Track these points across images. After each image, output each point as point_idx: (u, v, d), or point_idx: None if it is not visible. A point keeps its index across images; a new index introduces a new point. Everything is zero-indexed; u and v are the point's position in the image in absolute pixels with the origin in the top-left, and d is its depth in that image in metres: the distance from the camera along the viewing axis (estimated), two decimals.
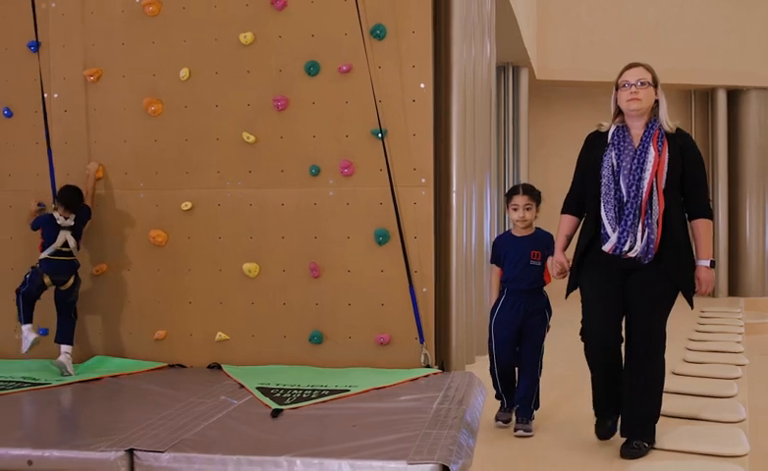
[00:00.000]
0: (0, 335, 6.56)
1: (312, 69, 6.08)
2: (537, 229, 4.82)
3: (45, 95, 6.34)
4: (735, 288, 12.81)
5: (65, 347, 6.04)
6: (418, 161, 5.99)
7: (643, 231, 4.18)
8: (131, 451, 3.97)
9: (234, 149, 6.20)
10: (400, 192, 5.96)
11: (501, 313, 4.77)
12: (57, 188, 6.21)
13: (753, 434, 4.68)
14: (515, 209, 4.74)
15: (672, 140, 4.26)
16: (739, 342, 7.87)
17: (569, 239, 4.54)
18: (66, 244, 6.05)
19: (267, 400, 5.02)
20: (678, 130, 4.33)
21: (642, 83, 4.25)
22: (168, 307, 6.33)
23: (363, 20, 5.93)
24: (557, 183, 6.25)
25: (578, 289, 4.43)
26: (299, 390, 5.30)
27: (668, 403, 4.70)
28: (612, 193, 4.24)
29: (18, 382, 5.69)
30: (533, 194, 4.77)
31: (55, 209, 6.12)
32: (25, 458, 4.02)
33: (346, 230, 6.08)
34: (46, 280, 6.06)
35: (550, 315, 4.83)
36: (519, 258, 4.73)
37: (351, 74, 6.03)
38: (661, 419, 4.42)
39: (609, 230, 4.23)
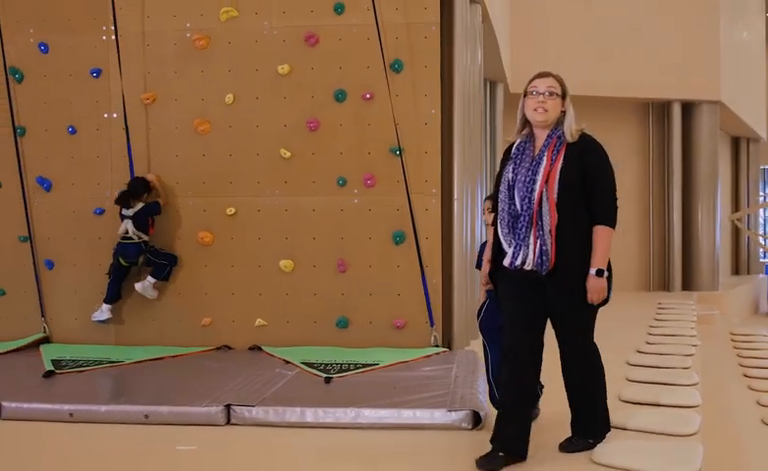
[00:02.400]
0: (64, 321, 7.55)
1: (340, 96, 7.17)
2: None
3: (115, 115, 7.35)
4: (688, 284, 13.85)
5: (151, 278, 7.19)
6: (429, 174, 7.12)
7: (535, 242, 4.06)
8: (228, 406, 5.05)
9: (272, 163, 7.26)
10: (414, 200, 7.07)
11: (484, 316, 4.96)
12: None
13: (704, 397, 5.82)
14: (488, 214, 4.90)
15: (571, 148, 4.13)
16: (692, 328, 9.10)
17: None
18: (127, 232, 7.07)
19: (315, 371, 6.12)
20: (582, 136, 4.21)
21: (551, 93, 4.15)
22: (214, 298, 7.37)
23: (384, 55, 7.04)
24: None
25: None
26: (336, 364, 6.40)
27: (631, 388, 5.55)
28: (506, 208, 4.16)
29: (95, 360, 6.70)
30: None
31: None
32: (141, 413, 5.08)
33: (368, 231, 7.17)
34: (121, 260, 7.10)
35: None
36: None
37: (373, 100, 7.13)
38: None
39: (505, 245, 4.17)
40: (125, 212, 7.13)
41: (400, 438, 4.74)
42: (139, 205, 7.13)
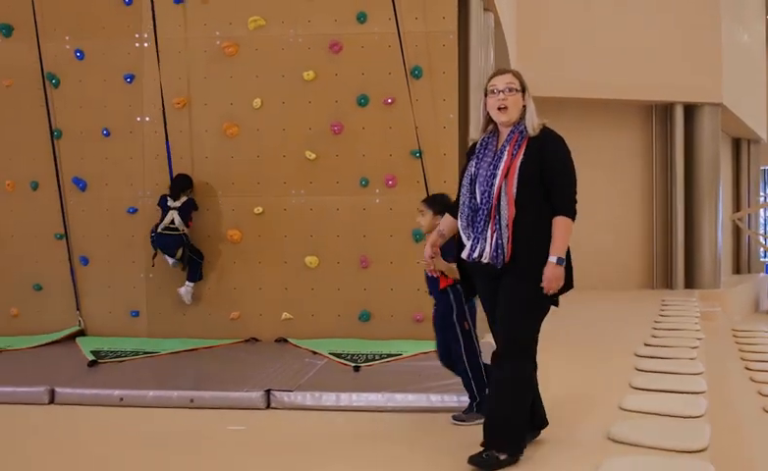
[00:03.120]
0: (98, 315, 7.92)
1: (363, 101, 7.54)
2: None
3: (147, 118, 7.73)
4: (691, 282, 14.18)
5: (189, 283, 7.57)
6: (447, 175, 7.47)
7: (492, 236, 4.09)
8: (268, 391, 5.42)
9: (297, 164, 7.64)
10: None
11: (434, 318, 5.16)
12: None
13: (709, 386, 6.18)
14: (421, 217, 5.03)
15: (532, 141, 4.15)
16: (696, 323, 9.47)
17: (443, 236, 4.54)
18: (173, 222, 7.42)
19: (343, 361, 6.50)
20: (543, 130, 4.20)
21: (510, 90, 4.17)
22: (242, 293, 7.75)
23: (405, 62, 7.41)
24: None
25: None
26: (362, 354, 6.77)
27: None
28: (467, 202, 4.20)
29: (132, 351, 7.07)
30: (428, 202, 5.06)
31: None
32: (188, 397, 5.46)
33: (389, 230, 7.55)
34: (160, 252, 7.48)
35: (457, 310, 4.98)
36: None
37: (394, 105, 7.50)
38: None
39: (464, 238, 4.23)
40: (171, 203, 7.49)
41: (428, 420, 5.11)
42: (184, 198, 7.50)
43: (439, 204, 4.94)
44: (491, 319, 4.31)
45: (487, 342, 4.80)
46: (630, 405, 5.21)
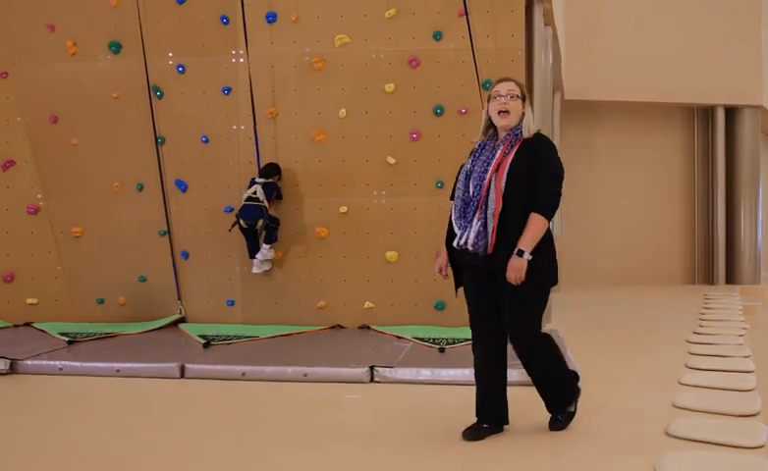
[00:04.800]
0: (197, 304, 8.79)
1: (439, 110, 8.33)
2: None
3: (243, 127, 8.59)
4: (731, 278, 14.81)
5: (265, 246, 8.34)
6: None
7: (477, 222, 4.34)
8: (372, 367, 6.24)
9: (379, 168, 8.45)
10: None
11: None
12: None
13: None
14: None
15: (525, 144, 4.40)
16: (740, 313, 10.14)
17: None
18: (255, 193, 8.21)
19: (427, 344, 7.30)
20: (536, 135, 4.48)
21: (512, 96, 4.46)
22: (328, 284, 8.58)
23: (478, 76, 8.20)
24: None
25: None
26: (442, 338, 7.56)
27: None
28: (461, 195, 4.49)
29: (235, 336, 7.92)
30: None
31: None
32: (302, 372, 6.29)
33: None
34: (242, 222, 8.24)
35: None
36: None
37: (467, 114, 8.27)
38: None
39: (456, 228, 4.50)
40: (257, 179, 8.30)
41: (514, 392, 5.87)
42: (271, 180, 8.35)
43: None
44: (473, 308, 4.61)
45: None
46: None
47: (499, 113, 4.46)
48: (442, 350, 7.02)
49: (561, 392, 4.69)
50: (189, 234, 8.79)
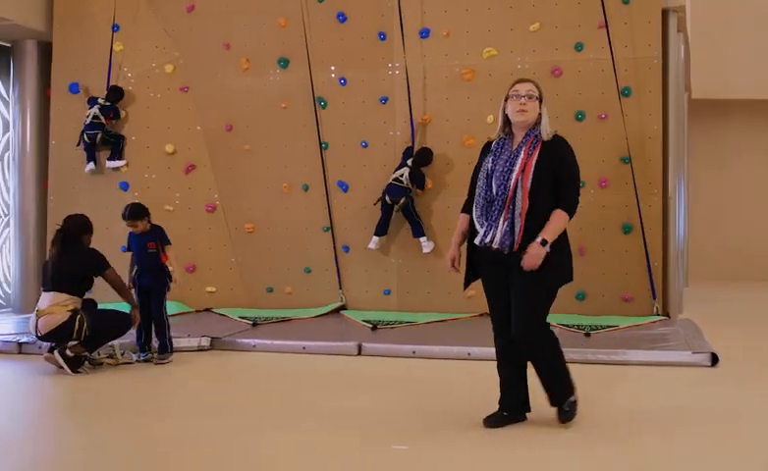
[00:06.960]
0: (356, 293, 9.73)
1: (580, 116, 9.03)
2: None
3: (398, 133, 9.50)
4: None
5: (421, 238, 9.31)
6: (652, 177, 8.88)
7: (503, 223, 4.48)
8: None
9: None
10: (640, 198, 8.86)
11: None
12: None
13: None
14: None
15: (545, 146, 4.56)
16: None
17: (464, 235, 4.90)
18: (402, 175, 9.11)
19: (573, 329, 8.01)
20: (555, 136, 4.64)
21: (530, 97, 4.59)
22: None
23: (617, 83, 8.85)
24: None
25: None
26: (585, 325, 8.25)
27: None
28: (483, 193, 4.60)
29: (396, 321, 8.80)
30: None
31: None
32: (465, 352, 7.12)
33: (602, 223, 9.01)
34: (387, 198, 9.15)
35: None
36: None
37: (606, 119, 8.95)
38: None
39: (477, 226, 4.62)
40: (407, 163, 9.18)
41: (655, 372, 6.55)
42: (420, 169, 9.22)
43: None
44: (492, 303, 4.82)
45: None
46: None
47: (518, 111, 4.61)
48: (588, 335, 7.71)
49: (562, 383, 4.81)
50: (349, 229, 9.74)
